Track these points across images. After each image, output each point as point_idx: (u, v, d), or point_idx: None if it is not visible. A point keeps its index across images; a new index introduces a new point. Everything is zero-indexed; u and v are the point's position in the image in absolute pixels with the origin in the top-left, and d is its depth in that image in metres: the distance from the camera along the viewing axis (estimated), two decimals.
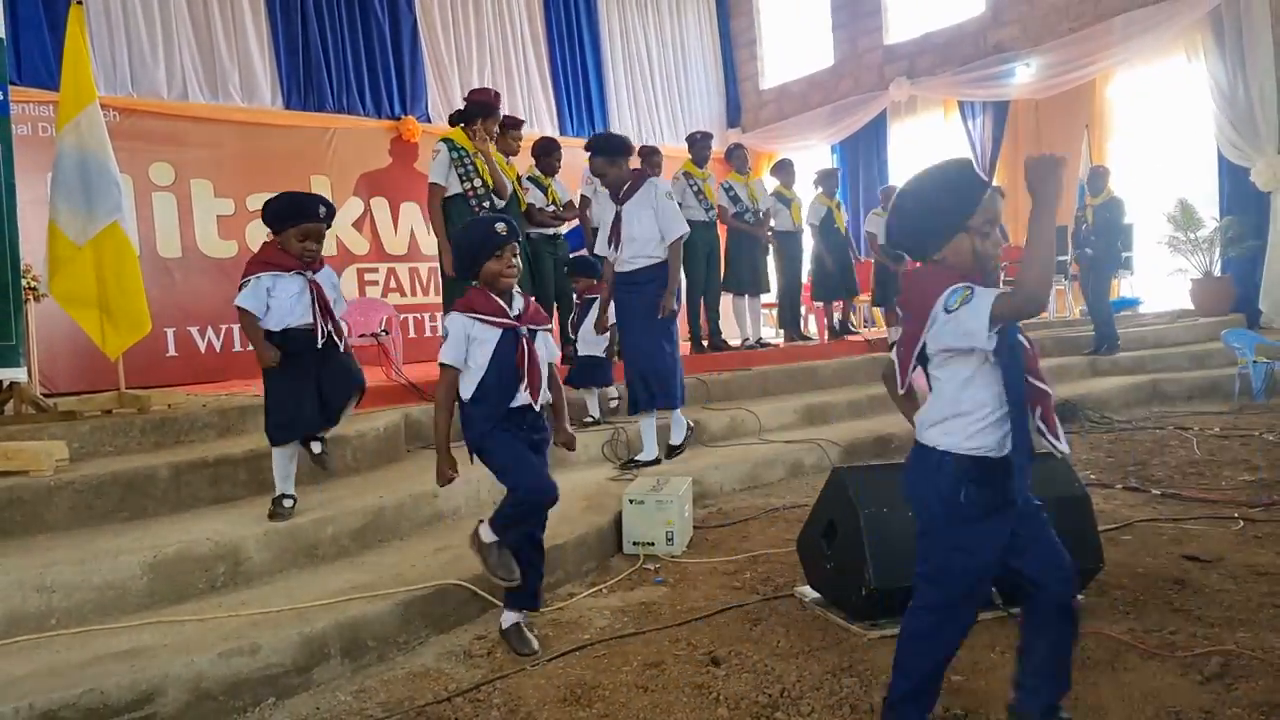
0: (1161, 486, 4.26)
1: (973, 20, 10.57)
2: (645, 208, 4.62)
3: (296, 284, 3.20)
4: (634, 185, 4.68)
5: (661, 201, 4.63)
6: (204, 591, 2.84)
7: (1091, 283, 8.06)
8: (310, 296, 3.20)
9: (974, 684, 2.27)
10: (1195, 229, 8.81)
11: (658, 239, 4.63)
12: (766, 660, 2.49)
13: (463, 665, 2.61)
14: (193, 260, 7.98)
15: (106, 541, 2.92)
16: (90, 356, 5.28)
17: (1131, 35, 8.99)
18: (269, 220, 3.25)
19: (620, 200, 4.68)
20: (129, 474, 3.28)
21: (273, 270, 3.18)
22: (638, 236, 4.63)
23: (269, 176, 8.44)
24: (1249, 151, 8.47)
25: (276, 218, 3.23)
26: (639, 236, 4.63)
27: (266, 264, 3.19)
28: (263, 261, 3.22)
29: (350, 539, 3.25)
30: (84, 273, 4.08)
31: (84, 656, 2.36)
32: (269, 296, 3.16)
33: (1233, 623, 2.55)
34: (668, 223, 4.63)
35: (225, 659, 2.35)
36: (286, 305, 3.17)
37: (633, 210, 4.64)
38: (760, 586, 3.17)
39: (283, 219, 3.21)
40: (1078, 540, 2.77)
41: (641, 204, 4.63)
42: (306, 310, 3.19)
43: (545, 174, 6.37)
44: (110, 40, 7.93)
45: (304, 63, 9.03)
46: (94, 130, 4.13)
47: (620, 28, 12.01)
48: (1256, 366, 6.68)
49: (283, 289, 3.18)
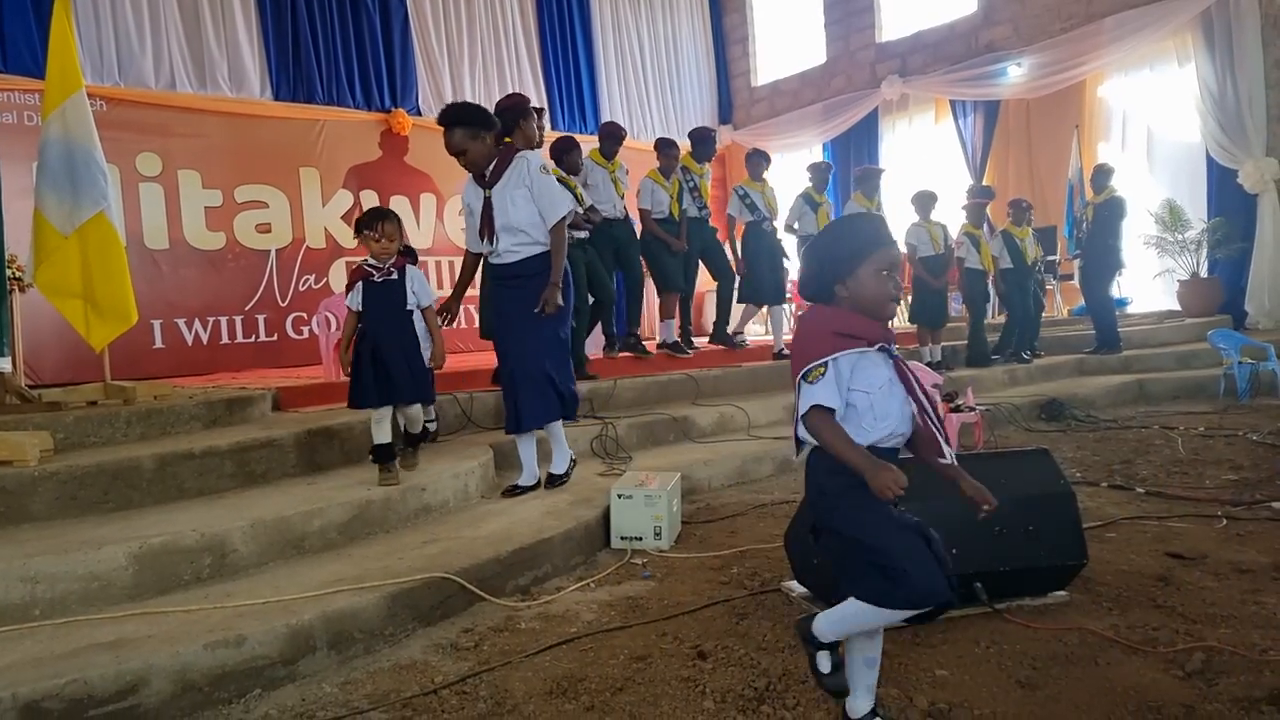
0: (1146, 485, 4.29)
1: (964, 19, 10.60)
2: (518, 188, 3.96)
3: None
4: (501, 164, 3.99)
5: (537, 178, 3.97)
6: (189, 583, 2.82)
7: (1090, 281, 8.11)
8: None
9: (959, 678, 2.28)
10: (1183, 230, 8.88)
11: (539, 223, 3.98)
12: (753, 654, 2.49)
13: (449, 658, 2.61)
14: (180, 252, 7.93)
15: (91, 532, 2.91)
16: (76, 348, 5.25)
17: (1122, 36, 9.03)
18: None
19: (487, 183, 4.00)
20: (114, 465, 3.27)
21: None
22: (515, 224, 3.97)
23: (257, 168, 8.43)
24: (1237, 153, 8.54)
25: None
26: (516, 224, 3.97)
27: None
28: None
29: (337, 532, 3.24)
30: (69, 263, 4.05)
31: (67, 647, 2.35)
32: None
33: (1215, 619, 2.57)
34: (548, 203, 3.96)
35: (210, 650, 2.33)
36: None
37: (504, 193, 3.97)
38: (747, 581, 3.18)
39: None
40: (1062, 537, 2.79)
41: (513, 184, 3.96)
42: None
43: (569, 174, 6.06)
44: (97, 28, 7.86)
45: (294, 54, 8.98)
46: (80, 119, 4.10)
47: (613, 22, 12.00)
48: (1241, 367, 6.73)
49: None
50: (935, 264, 7.54)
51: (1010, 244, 7.81)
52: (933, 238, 7.56)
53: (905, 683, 2.27)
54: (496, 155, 3.99)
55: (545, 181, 3.99)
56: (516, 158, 4.00)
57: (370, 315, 3.67)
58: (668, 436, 5.42)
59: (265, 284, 8.40)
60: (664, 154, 6.74)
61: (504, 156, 4.00)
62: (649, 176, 6.76)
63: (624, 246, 6.54)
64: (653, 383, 6.10)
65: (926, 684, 2.26)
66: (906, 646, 2.50)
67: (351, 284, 3.71)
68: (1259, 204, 8.52)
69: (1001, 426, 6.12)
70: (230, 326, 8.15)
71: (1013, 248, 7.80)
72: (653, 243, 6.76)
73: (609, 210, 6.39)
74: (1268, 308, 8.52)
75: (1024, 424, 6.29)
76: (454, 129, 3.89)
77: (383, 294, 3.67)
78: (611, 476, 4.28)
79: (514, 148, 4.09)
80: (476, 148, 3.90)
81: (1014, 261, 7.80)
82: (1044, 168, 10.24)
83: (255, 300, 8.32)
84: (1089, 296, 8.23)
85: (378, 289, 3.67)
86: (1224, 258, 8.79)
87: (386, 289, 3.67)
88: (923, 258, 7.45)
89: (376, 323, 3.67)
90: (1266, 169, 8.39)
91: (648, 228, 6.73)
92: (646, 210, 6.73)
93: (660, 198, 6.73)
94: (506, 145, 4.10)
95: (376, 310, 3.67)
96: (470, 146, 3.89)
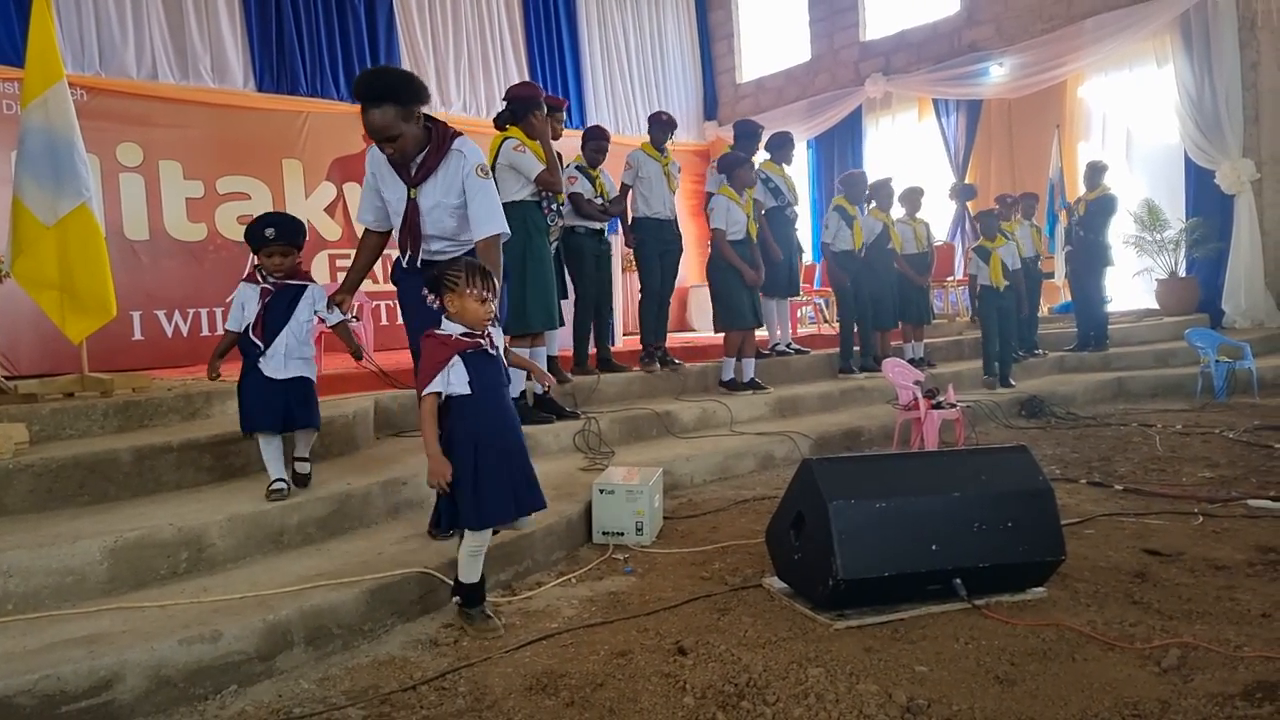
0: (1124, 482, 4.33)
1: (947, 19, 10.65)
2: (451, 194, 3.19)
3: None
4: (432, 158, 3.16)
5: (472, 183, 3.17)
6: (166, 578, 2.79)
7: (1081, 278, 8.16)
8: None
9: (937, 674, 2.29)
10: (1161, 230, 8.96)
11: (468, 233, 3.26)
12: (734, 650, 2.50)
13: (429, 653, 2.60)
14: (160, 243, 7.85)
15: (66, 526, 2.87)
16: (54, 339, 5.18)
17: (1102, 38, 9.10)
18: None
19: (413, 179, 3.17)
20: (90, 458, 3.23)
21: None
22: (447, 234, 3.27)
23: (240, 159, 8.35)
24: (1214, 154, 8.62)
25: None
26: (448, 233, 3.27)
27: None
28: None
29: (316, 526, 3.22)
30: (48, 254, 4.00)
31: (41, 642, 2.32)
32: None
33: (1191, 615, 2.60)
34: (483, 213, 3.19)
35: (186, 646, 2.31)
36: None
37: (435, 198, 3.19)
38: (729, 577, 3.18)
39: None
40: (1041, 533, 2.82)
41: (445, 187, 3.19)
42: None
43: (591, 164, 5.91)
44: (79, 18, 7.75)
45: (277, 45, 8.90)
46: (61, 109, 4.05)
47: (598, 18, 11.96)
48: (1219, 366, 6.81)
49: None
50: (920, 262, 7.57)
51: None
52: (916, 235, 7.59)
53: (884, 679, 2.28)
54: (427, 144, 3.16)
55: (482, 187, 3.19)
56: (451, 151, 3.17)
57: (480, 394, 2.67)
58: (650, 431, 5.42)
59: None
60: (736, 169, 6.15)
61: (436, 147, 3.15)
62: (722, 194, 6.17)
63: (670, 250, 6.24)
64: (636, 377, 6.09)
65: (905, 680, 2.27)
66: (885, 642, 2.51)
67: (445, 360, 2.62)
68: (1236, 204, 8.61)
69: (982, 423, 6.16)
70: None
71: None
72: (726, 270, 6.03)
73: (660, 210, 6.12)
74: (1244, 307, 8.61)
75: (1004, 421, 6.33)
76: (382, 105, 2.99)
77: (488, 366, 2.71)
78: (594, 471, 4.28)
79: (447, 131, 3.21)
80: (410, 131, 3.07)
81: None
82: (1025, 166, 10.30)
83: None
84: (1078, 293, 8.29)
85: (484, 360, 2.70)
86: (1201, 257, 8.87)
87: (494, 363, 2.74)
88: (907, 255, 7.46)
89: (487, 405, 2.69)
90: (1243, 170, 8.47)
91: (723, 252, 6.05)
92: (720, 231, 6.06)
93: (736, 216, 6.11)
94: (437, 126, 3.20)
95: (485, 385, 2.69)
96: (403, 130, 3.04)
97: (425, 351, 2.65)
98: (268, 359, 3.25)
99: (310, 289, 3.38)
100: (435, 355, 2.63)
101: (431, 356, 2.64)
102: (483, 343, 2.69)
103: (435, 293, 2.67)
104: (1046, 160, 9.89)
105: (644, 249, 6.21)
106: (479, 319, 2.67)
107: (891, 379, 5.58)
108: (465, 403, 2.65)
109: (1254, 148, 8.53)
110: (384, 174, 3.28)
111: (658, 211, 6.17)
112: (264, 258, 3.31)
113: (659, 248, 6.21)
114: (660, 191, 6.18)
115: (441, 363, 2.62)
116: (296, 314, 3.31)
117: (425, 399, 2.64)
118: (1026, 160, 10.28)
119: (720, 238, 6.10)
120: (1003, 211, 7.89)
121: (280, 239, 3.29)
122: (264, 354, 3.25)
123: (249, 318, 3.29)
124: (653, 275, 6.25)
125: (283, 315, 3.29)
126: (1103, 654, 2.37)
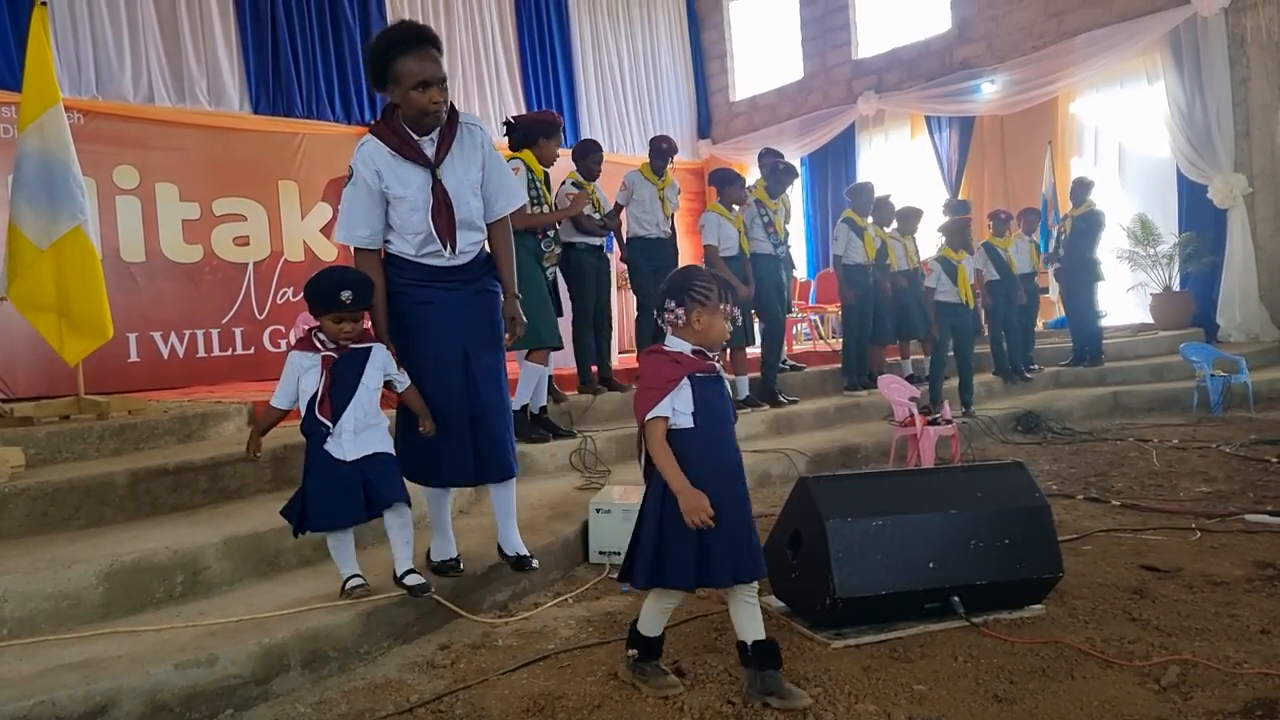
0: (1121, 497, 4.33)
1: (939, 37, 10.74)
2: (473, 167, 2.92)
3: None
4: (449, 130, 2.86)
5: (493, 153, 2.99)
6: (161, 601, 2.78)
7: (1071, 294, 8.20)
8: None
9: (936, 693, 2.29)
10: (1154, 244, 9.00)
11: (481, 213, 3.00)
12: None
13: (425, 676, 2.58)
14: (157, 265, 7.87)
15: (61, 550, 2.86)
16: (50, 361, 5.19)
17: (1092, 55, 9.19)
18: None
19: (437, 156, 2.84)
20: (86, 481, 3.22)
21: None
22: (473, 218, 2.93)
23: (236, 181, 8.38)
24: (1206, 169, 8.68)
25: None
26: (473, 218, 2.93)
27: None
28: None
29: (313, 548, 3.20)
30: (44, 277, 4.01)
31: (36, 668, 2.31)
32: None
33: (1189, 632, 2.60)
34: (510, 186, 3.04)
35: (182, 670, 2.30)
36: None
37: (459, 174, 2.88)
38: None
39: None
40: (1038, 550, 2.82)
41: (466, 160, 2.91)
42: None
43: (586, 178, 5.81)
44: (75, 42, 7.81)
45: (273, 67, 8.95)
46: (57, 133, 4.07)
47: (592, 38, 12.06)
48: (1214, 380, 6.82)
49: None
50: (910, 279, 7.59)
51: (994, 255, 7.87)
52: (907, 252, 7.63)
53: (883, 698, 2.27)
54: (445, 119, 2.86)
55: (500, 158, 3.02)
56: (461, 125, 2.90)
57: (705, 428, 2.32)
58: None
59: (243, 297, 8.34)
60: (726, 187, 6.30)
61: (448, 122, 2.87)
62: (713, 210, 6.32)
63: (664, 268, 6.13)
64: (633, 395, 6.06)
65: (904, 699, 2.26)
66: (884, 661, 2.50)
67: (674, 381, 2.30)
68: (1229, 219, 8.66)
69: (979, 439, 6.16)
70: (207, 339, 8.08)
71: (996, 259, 7.86)
72: None
73: (652, 230, 6.15)
74: (1238, 321, 8.65)
75: (1001, 436, 6.34)
76: (436, 48, 2.76)
77: (717, 395, 2.39)
78: (590, 490, 4.27)
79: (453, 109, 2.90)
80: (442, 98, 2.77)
81: (1000, 273, 7.83)
82: (1018, 182, 10.36)
83: (232, 313, 8.25)
84: (1071, 309, 8.33)
85: (715, 387, 2.42)
86: (1195, 272, 8.91)
87: (723, 392, 2.45)
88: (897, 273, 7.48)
89: (711, 442, 2.35)
90: (1235, 184, 8.53)
91: (715, 268, 5.84)
92: (713, 247, 6.17)
93: (728, 232, 6.22)
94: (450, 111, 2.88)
95: (712, 418, 2.37)
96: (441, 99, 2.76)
97: (650, 369, 2.33)
98: (337, 439, 2.76)
99: (375, 351, 2.83)
100: (663, 373, 2.29)
101: (658, 375, 2.29)
102: (716, 365, 2.36)
103: (678, 304, 2.30)
104: (1039, 176, 9.96)
105: (637, 267, 6.26)
106: (721, 339, 2.37)
107: (887, 395, 5.59)
108: (684, 437, 2.27)
109: (1245, 162, 8.60)
110: (390, 167, 2.82)
111: (649, 231, 6.21)
112: (330, 323, 2.76)
113: (653, 265, 6.25)
114: (654, 213, 6.21)
115: (670, 382, 2.27)
116: (365, 382, 2.80)
117: (653, 425, 2.28)
118: (1020, 176, 10.35)
119: (713, 254, 6.16)
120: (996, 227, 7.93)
121: (358, 303, 2.74)
122: (331, 433, 2.76)
123: (308, 392, 2.79)
124: (647, 293, 6.28)
125: (350, 385, 2.78)
126: (1102, 672, 2.36)
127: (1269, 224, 8.62)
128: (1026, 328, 8.12)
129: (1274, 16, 8.30)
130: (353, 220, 2.89)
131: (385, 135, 2.82)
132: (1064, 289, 8.43)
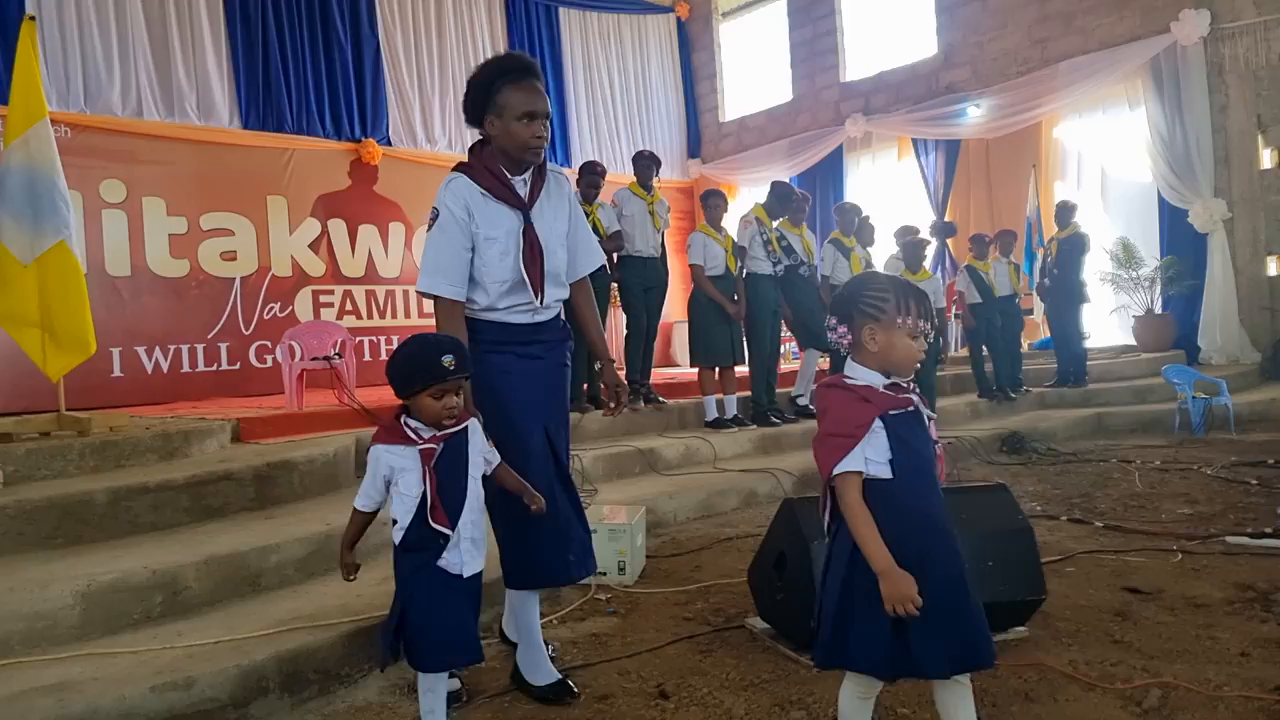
0: (1104, 519, 4.35)
1: (925, 61, 10.87)
2: (559, 218, 2.70)
3: None
4: (538, 175, 2.65)
5: (577, 205, 2.81)
6: (139, 622, 2.75)
7: (1056, 316, 8.27)
8: None
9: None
10: (1136, 267, 9.10)
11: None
12: (715, 693, 2.48)
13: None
14: (142, 279, 7.83)
15: (38, 569, 2.82)
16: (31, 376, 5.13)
17: (1075, 81, 9.31)
18: None
19: (530, 198, 2.60)
20: (65, 499, 3.18)
21: None
22: (559, 269, 2.68)
23: (224, 196, 8.38)
24: (1187, 194, 8.79)
25: None
26: (559, 269, 2.68)
27: None
28: None
29: (294, 568, 3.18)
30: (27, 292, 3.98)
31: (8, 690, 2.27)
32: None
33: (1171, 654, 2.61)
34: (591, 243, 2.83)
35: (158, 693, 2.27)
36: None
37: (548, 222, 2.65)
38: (711, 617, 3.17)
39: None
40: (1021, 572, 2.82)
41: (555, 209, 2.68)
42: None
43: (585, 199, 5.81)
44: (64, 56, 7.79)
45: (263, 83, 8.95)
46: (43, 147, 4.05)
47: (583, 59, 12.13)
48: (1195, 402, 6.88)
49: None
50: None
51: (976, 278, 7.95)
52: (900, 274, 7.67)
53: None
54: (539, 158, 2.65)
55: (582, 214, 2.83)
56: (550, 172, 2.69)
57: (906, 478, 1.87)
58: (633, 468, 5.41)
59: (229, 312, 8.31)
60: (709, 204, 6.30)
61: (538, 166, 2.65)
62: (700, 230, 6.31)
63: (655, 288, 6.28)
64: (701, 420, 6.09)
65: None
66: None
67: (865, 424, 1.84)
68: (1209, 243, 8.76)
69: (964, 459, 6.18)
70: (192, 355, 8.03)
71: (978, 282, 7.94)
72: (707, 305, 6.10)
73: (644, 249, 6.16)
74: (1219, 343, 8.73)
75: (986, 457, 6.36)
76: (543, 82, 2.63)
77: (917, 435, 1.95)
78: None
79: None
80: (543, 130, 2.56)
81: (982, 296, 7.92)
82: (1003, 205, 10.46)
83: (218, 328, 8.22)
84: (1057, 330, 8.40)
85: (915, 426, 1.95)
86: (1177, 294, 9.01)
87: (924, 430, 2.00)
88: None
89: (915, 496, 1.88)
90: (1215, 209, 8.65)
91: (702, 287, 6.13)
92: (699, 266, 6.14)
93: (714, 251, 6.19)
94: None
95: (913, 464, 1.92)
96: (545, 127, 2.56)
97: (833, 410, 1.84)
98: (455, 548, 2.20)
99: (472, 430, 2.28)
100: (849, 414, 1.79)
101: (843, 415, 1.80)
102: (914, 400, 1.86)
103: (840, 320, 1.87)
104: (1024, 199, 10.06)
105: (628, 287, 6.27)
106: (910, 361, 1.85)
107: None
108: (879, 489, 1.79)
109: (1225, 188, 8.71)
110: (482, 208, 2.54)
111: (640, 250, 6.25)
112: (430, 400, 2.16)
113: (642, 284, 6.28)
114: (645, 230, 6.25)
115: (861, 426, 1.77)
116: (470, 471, 2.25)
117: (844, 483, 1.78)
118: (1004, 199, 10.45)
119: (699, 273, 6.19)
120: (977, 249, 8.02)
121: (461, 368, 2.17)
122: (449, 542, 2.19)
123: (409, 496, 2.19)
124: (637, 313, 6.32)
125: (459, 479, 2.22)
126: (1084, 694, 2.37)
127: (1248, 248, 8.73)
128: (1012, 348, 8.18)
129: (1251, 46, 8.45)
130: (440, 265, 2.52)
131: (477, 173, 2.56)
132: (1049, 311, 8.51)
